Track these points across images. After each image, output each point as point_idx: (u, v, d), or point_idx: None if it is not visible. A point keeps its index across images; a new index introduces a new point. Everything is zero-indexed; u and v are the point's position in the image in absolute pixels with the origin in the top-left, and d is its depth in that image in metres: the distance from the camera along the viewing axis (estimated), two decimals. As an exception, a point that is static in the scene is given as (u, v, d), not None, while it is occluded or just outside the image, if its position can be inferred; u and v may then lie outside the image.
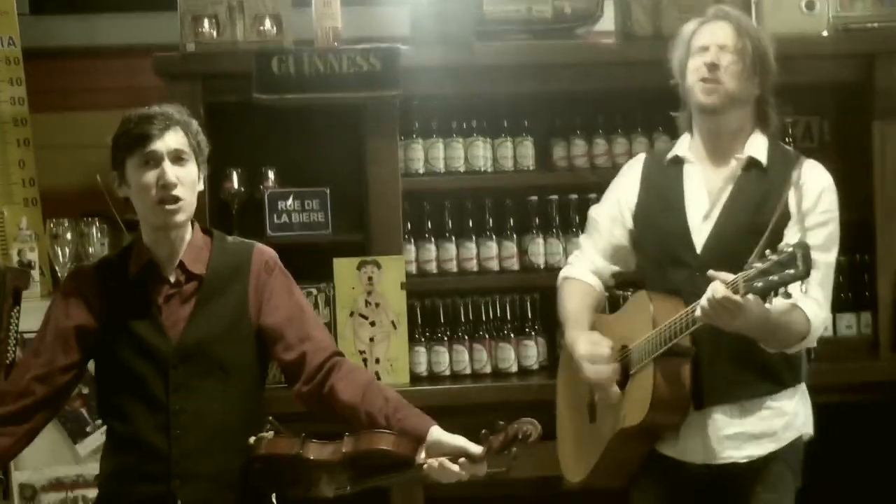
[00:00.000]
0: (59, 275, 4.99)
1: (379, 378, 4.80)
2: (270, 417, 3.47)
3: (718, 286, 3.32)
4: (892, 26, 5.12)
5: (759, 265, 3.24)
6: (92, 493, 4.65)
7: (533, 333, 5.06)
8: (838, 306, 5.12)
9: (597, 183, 4.85)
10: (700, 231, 3.74)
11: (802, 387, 3.80)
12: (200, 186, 3.49)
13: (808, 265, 3.18)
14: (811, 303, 3.57)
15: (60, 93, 5.39)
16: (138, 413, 3.39)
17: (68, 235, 4.97)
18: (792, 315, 3.54)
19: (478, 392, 4.85)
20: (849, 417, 5.05)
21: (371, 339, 4.86)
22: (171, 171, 3.35)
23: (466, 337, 5.04)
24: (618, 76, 5.02)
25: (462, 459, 3.24)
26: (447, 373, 5.01)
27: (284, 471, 3.39)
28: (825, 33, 5.13)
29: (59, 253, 4.97)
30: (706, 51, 3.73)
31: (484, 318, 5.07)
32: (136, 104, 5.14)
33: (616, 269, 4.01)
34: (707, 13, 3.87)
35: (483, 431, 3.26)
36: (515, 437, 3.22)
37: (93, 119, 5.31)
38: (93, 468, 4.66)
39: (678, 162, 3.86)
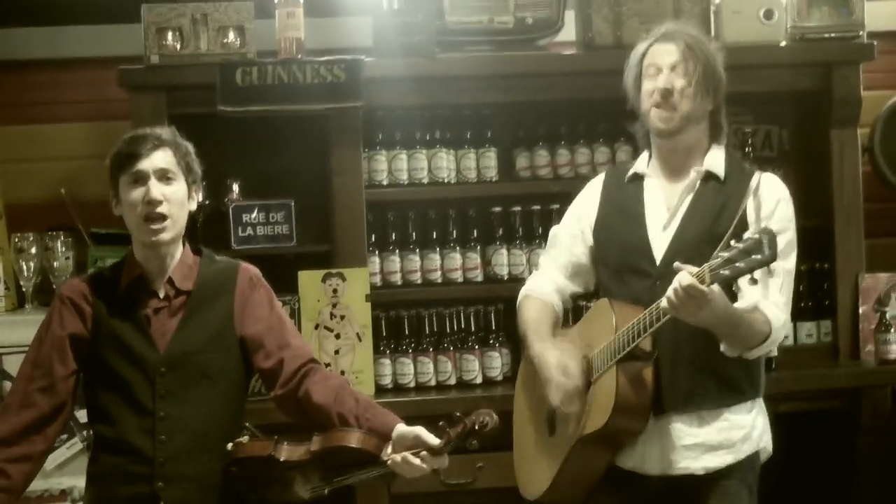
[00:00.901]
0: (23, 289, 4.99)
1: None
2: (248, 424, 3.62)
3: (685, 276, 3.35)
4: (849, 36, 5.18)
5: (724, 254, 3.28)
6: (58, 507, 4.71)
7: (497, 344, 5.07)
8: (798, 314, 5.19)
9: (560, 193, 4.90)
10: (659, 241, 3.77)
11: (760, 401, 3.82)
12: (192, 206, 3.67)
13: (773, 250, 3.22)
14: (771, 306, 3.61)
15: (25, 105, 5.37)
16: (125, 418, 3.55)
17: (33, 249, 4.97)
18: (754, 314, 3.58)
19: (443, 403, 4.82)
20: (809, 425, 5.10)
21: (336, 352, 4.88)
22: (156, 188, 3.52)
23: (431, 348, 5.05)
24: (580, 86, 5.05)
25: (423, 452, 3.35)
26: (412, 384, 5.02)
27: (260, 473, 3.52)
28: (783, 43, 5.18)
29: (24, 267, 4.98)
30: (658, 73, 3.76)
31: (448, 330, 5.09)
32: (101, 117, 5.27)
33: (576, 288, 4.03)
34: (656, 33, 3.89)
35: (441, 423, 3.39)
36: (473, 428, 3.34)
37: (58, 132, 5.34)
38: (58, 482, 4.69)
39: (638, 178, 3.90)
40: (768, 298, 3.61)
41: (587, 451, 3.78)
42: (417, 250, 5.09)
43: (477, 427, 3.34)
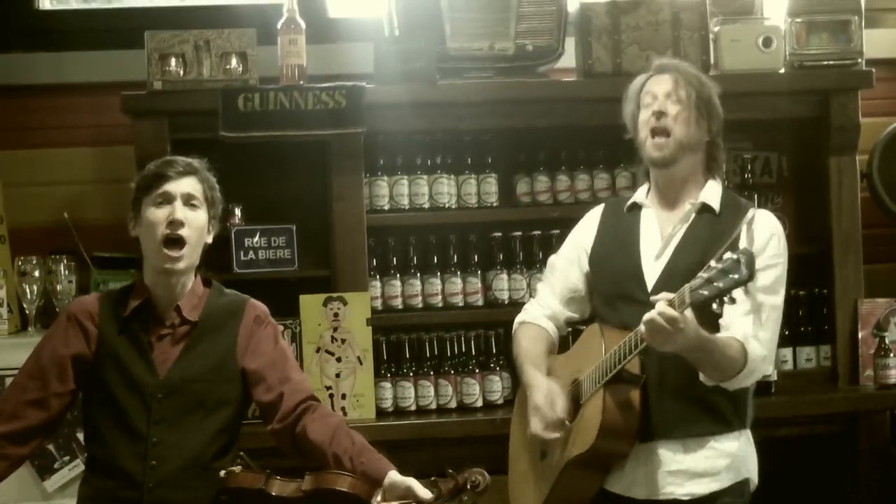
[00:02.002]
0: (27, 312, 5.01)
1: (345, 413, 4.84)
2: (241, 453, 3.63)
3: (662, 305, 3.39)
4: (847, 64, 5.21)
5: (703, 274, 3.31)
6: (59, 529, 4.72)
7: (497, 368, 5.08)
8: (798, 339, 5.22)
9: (560, 218, 4.93)
10: (652, 269, 3.80)
11: (748, 432, 3.84)
12: (209, 239, 3.74)
13: (751, 269, 3.25)
14: (751, 339, 3.63)
15: (28, 130, 5.38)
16: (118, 441, 3.57)
17: (36, 273, 4.98)
18: (729, 341, 3.60)
19: (443, 426, 4.87)
20: (808, 449, 5.12)
21: (337, 375, 4.88)
22: (181, 210, 3.59)
23: (432, 372, 5.05)
24: (580, 112, 5.08)
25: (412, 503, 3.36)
26: (413, 408, 5.02)
27: None
28: (782, 70, 5.21)
29: (28, 290, 4.98)
30: (654, 100, 3.82)
31: (449, 353, 5.10)
32: (103, 142, 5.30)
33: (571, 314, 4.06)
34: (652, 67, 3.97)
35: (433, 478, 3.41)
36: (465, 486, 3.38)
37: (61, 156, 5.36)
38: (61, 504, 4.71)
39: (636, 207, 3.94)
40: (749, 333, 3.64)
41: (576, 475, 3.80)
42: (418, 275, 5.11)
43: (469, 486, 3.39)
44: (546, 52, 5.23)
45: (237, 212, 5.07)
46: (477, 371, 5.07)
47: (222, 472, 3.55)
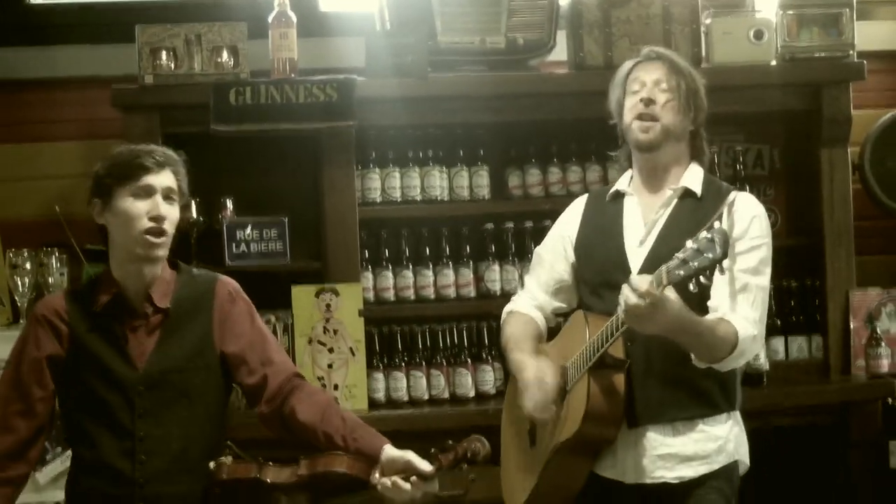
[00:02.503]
0: (18, 305, 5.00)
1: (338, 404, 4.84)
2: (229, 442, 3.56)
3: (639, 280, 3.37)
4: (838, 56, 5.22)
5: (679, 255, 3.30)
6: (52, 520, 4.69)
7: (490, 359, 5.09)
8: (790, 330, 5.24)
9: (551, 211, 4.90)
10: (636, 256, 3.80)
11: (737, 414, 3.83)
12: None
13: (724, 248, 3.22)
14: (740, 319, 3.62)
15: (19, 124, 5.38)
16: (104, 439, 3.48)
17: (28, 265, 4.97)
18: (718, 323, 3.59)
19: (435, 417, 4.87)
20: (800, 440, 5.12)
21: (329, 366, 4.89)
22: (163, 206, 3.49)
23: (424, 363, 5.07)
24: (571, 106, 5.09)
25: (413, 478, 3.34)
26: (405, 398, 5.04)
27: (244, 495, 3.46)
28: (773, 63, 5.22)
29: (19, 283, 4.98)
30: (642, 87, 3.82)
31: (441, 345, 5.11)
32: (94, 135, 5.29)
33: (558, 304, 4.06)
34: (641, 54, 3.96)
35: (433, 450, 3.39)
36: (464, 456, 3.37)
37: (51, 150, 5.36)
38: (52, 496, 4.69)
39: (619, 196, 3.94)
40: (737, 312, 3.62)
41: (563, 461, 3.79)
42: (410, 266, 5.12)
43: (469, 455, 3.38)
44: (537, 46, 5.24)
45: (229, 204, 5.09)
46: (469, 362, 5.08)
47: (212, 464, 3.48)
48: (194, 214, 5.03)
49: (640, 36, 5.14)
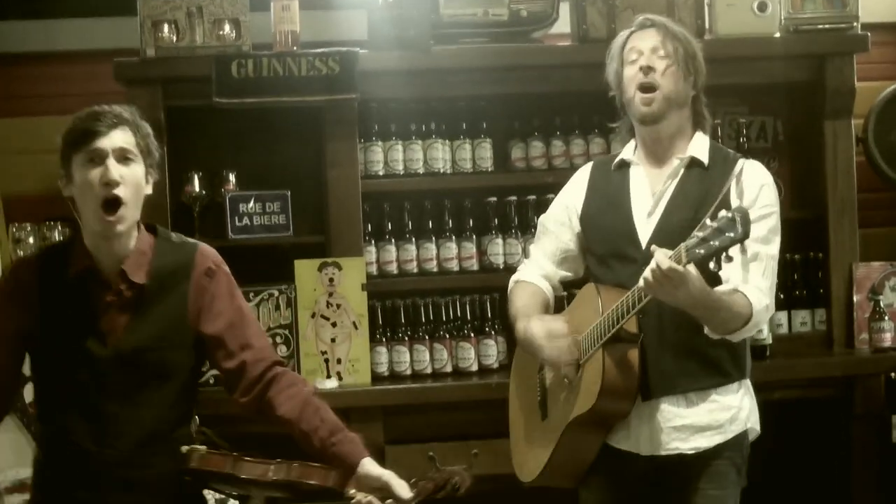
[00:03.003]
0: (21, 279, 5.00)
1: (341, 378, 4.85)
2: (204, 428, 3.57)
3: (661, 256, 3.37)
4: (842, 28, 5.20)
5: (699, 234, 3.29)
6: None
7: (493, 333, 5.09)
8: (793, 303, 5.23)
9: (555, 183, 4.89)
10: (644, 227, 3.78)
11: (747, 382, 3.83)
12: (148, 190, 3.40)
13: (746, 228, 3.23)
14: (753, 289, 3.62)
15: (21, 98, 5.39)
16: (73, 418, 3.33)
17: (31, 240, 4.99)
18: (734, 296, 3.58)
19: (439, 391, 4.88)
20: (803, 413, 5.13)
21: (332, 340, 4.89)
22: (114, 168, 3.27)
23: (427, 336, 5.07)
24: (574, 78, 5.07)
25: (389, 501, 3.26)
26: (408, 372, 5.04)
27: (216, 482, 3.43)
28: (777, 35, 5.20)
29: (22, 257, 5.00)
30: (640, 56, 3.80)
31: (444, 318, 5.11)
32: None
33: (565, 273, 4.04)
34: (634, 23, 3.92)
35: (413, 480, 3.31)
36: (444, 487, 3.33)
37: (54, 124, 5.17)
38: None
39: (624, 165, 3.92)
40: (749, 282, 3.62)
41: (578, 434, 3.79)
42: (413, 240, 5.12)
43: (449, 487, 3.35)
44: (540, 18, 5.23)
45: (231, 178, 5.10)
46: (472, 335, 5.08)
47: (184, 448, 3.34)
48: (197, 188, 5.02)
49: (644, 7, 5.10)
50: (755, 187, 3.72)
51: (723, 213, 3.27)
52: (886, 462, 5.02)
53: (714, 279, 3.59)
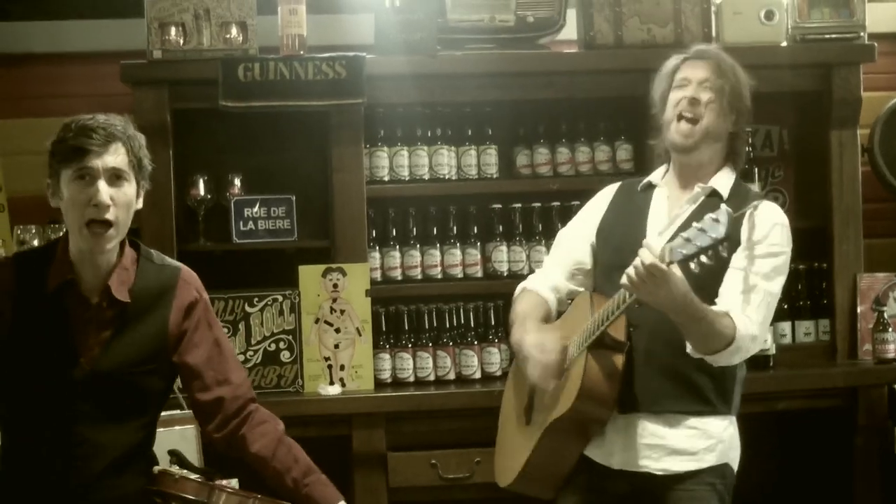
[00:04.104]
0: (26, 281, 5.01)
1: (343, 384, 4.85)
2: (177, 450, 3.49)
3: (646, 253, 3.38)
4: (850, 37, 5.20)
5: (683, 235, 3.31)
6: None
7: (496, 340, 5.08)
8: (797, 313, 5.23)
9: (560, 191, 4.94)
10: (653, 244, 3.79)
11: (732, 419, 3.81)
12: (139, 205, 3.29)
13: (728, 227, 3.23)
14: (744, 317, 3.61)
15: (27, 99, 5.39)
16: (38, 439, 3.22)
17: (35, 241, 4.97)
18: (720, 315, 3.57)
19: (441, 398, 4.87)
20: (806, 423, 5.12)
21: (336, 346, 4.89)
22: (105, 192, 3.14)
23: (430, 343, 5.07)
24: (580, 85, 5.08)
25: None
26: (411, 379, 5.03)
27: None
28: (784, 43, 5.20)
29: (27, 259, 4.99)
30: (688, 84, 3.80)
31: (448, 325, 5.11)
32: (103, 110, 5.20)
33: (574, 287, 4.04)
34: (690, 50, 3.93)
35: None
36: None
37: (60, 126, 5.32)
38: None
39: (650, 187, 3.93)
40: (741, 310, 3.61)
41: (556, 439, 3.78)
42: (418, 246, 5.11)
43: None
44: (547, 24, 5.22)
45: (237, 182, 5.09)
46: (475, 343, 5.08)
47: (156, 469, 3.30)
48: (202, 191, 5.02)
49: (651, 15, 5.13)
50: (768, 224, 3.71)
51: (709, 215, 3.28)
52: (889, 473, 5.00)
53: (709, 300, 3.59)
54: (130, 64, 4.89)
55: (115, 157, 3.17)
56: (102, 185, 3.14)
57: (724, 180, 3.83)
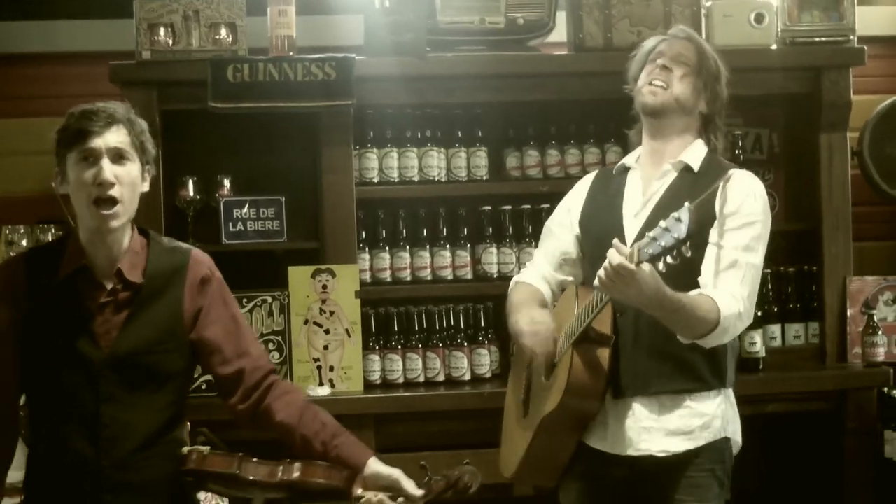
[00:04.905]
0: (13, 281, 4.99)
1: (333, 385, 4.84)
2: (205, 429, 3.49)
3: (613, 254, 3.37)
4: (839, 41, 5.20)
5: (650, 234, 3.30)
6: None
7: (486, 342, 5.08)
8: (786, 316, 5.23)
9: (549, 193, 4.92)
10: (631, 227, 3.78)
11: (728, 391, 3.80)
12: (145, 188, 3.36)
13: (689, 228, 3.20)
14: (725, 294, 3.59)
15: (17, 99, 5.38)
16: (67, 423, 3.28)
17: (24, 242, 4.97)
18: (698, 298, 3.56)
19: (431, 400, 4.87)
20: (795, 426, 5.12)
21: (325, 347, 4.88)
22: (108, 169, 3.23)
23: (420, 345, 5.06)
24: (570, 87, 5.08)
25: (401, 499, 3.27)
26: (401, 381, 5.02)
27: (218, 483, 3.38)
28: (774, 46, 5.20)
29: (15, 259, 4.98)
30: (661, 57, 3.81)
31: (437, 327, 5.10)
32: None
33: (564, 278, 4.04)
34: (670, 32, 3.95)
35: (426, 478, 3.33)
36: (455, 485, 3.35)
37: (49, 125, 5.16)
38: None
39: (625, 170, 3.93)
40: (724, 289, 3.59)
41: (550, 432, 3.79)
42: (407, 248, 5.11)
43: (460, 486, 3.36)
44: (537, 26, 5.22)
45: (226, 183, 5.09)
46: (465, 344, 5.07)
47: (185, 449, 3.34)
48: (191, 192, 5.02)
49: (641, 17, 5.13)
50: (741, 195, 3.70)
51: (672, 214, 3.27)
52: (878, 476, 5.00)
53: (692, 282, 3.59)
54: (119, 64, 4.88)
55: (118, 136, 3.27)
56: (106, 163, 3.23)
57: (695, 154, 3.82)
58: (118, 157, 3.26)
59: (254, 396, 3.42)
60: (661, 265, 3.31)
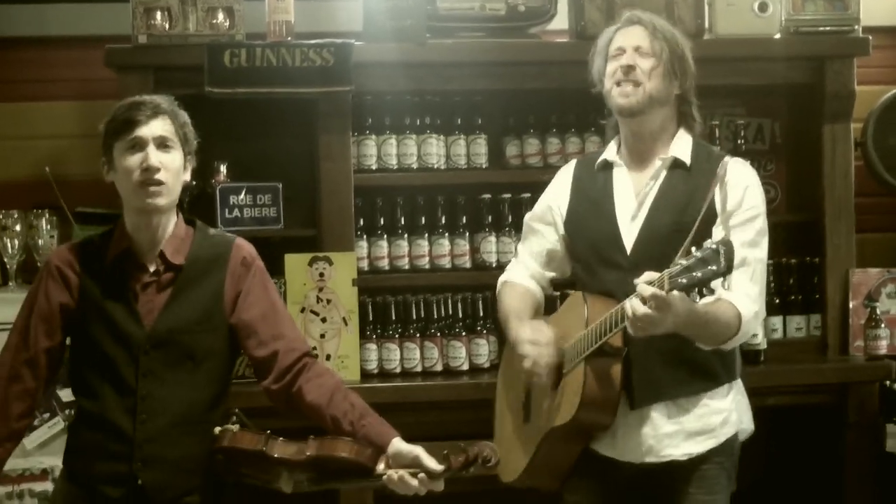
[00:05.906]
0: (7, 267, 4.98)
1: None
2: (237, 410, 3.59)
3: (644, 287, 3.31)
4: (843, 30, 5.17)
5: (682, 262, 3.24)
6: (40, 486, 4.67)
7: (484, 332, 5.04)
8: (788, 308, 5.20)
9: (549, 182, 4.86)
10: (629, 232, 3.75)
11: (738, 382, 3.80)
12: (187, 177, 3.61)
13: (729, 262, 3.18)
14: (741, 296, 3.58)
15: (10, 83, 5.34)
16: (107, 394, 3.49)
17: (18, 227, 4.97)
18: (720, 306, 3.54)
19: (428, 390, 4.84)
20: (797, 419, 5.09)
21: (322, 336, 4.84)
22: (154, 155, 3.46)
23: (418, 334, 5.02)
24: (571, 75, 4.99)
25: (421, 475, 3.34)
26: (398, 370, 4.99)
27: (246, 464, 3.48)
28: (777, 36, 5.16)
29: (9, 244, 4.99)
30: (622, 54, 3.74)
31: (435, 316, 5.06)
32: (87, 96, 5.24)
33: (552, 274, 4.03)
34: (621, 19, 3.88)
35: (444, 452, 3.37)
36: (476, 460, 3.37)
37: (43, 110, 5.31)
38: (40, 462, 4.67)
39: (608, 167, 3.87)
40: (737, 290, 3.57)
41: (557, 442, 3.79)
42: (406, 236, 5.07)
43: (480, 460, 3.39)
44: (538, 13, 5.18)
45: (222, 169, 5.04)
46: (463, 334, 5.03)
47: (217, 430, 3.51)
48: (187, 178, 4.96)
49: (643, 5, 5.04)
50: (740, 189, 3.67)
51: (708, 243, 3.22)
52: (879, 469, 4.98)
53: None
54: (115, 48, 4.84)
55: (163, 125, 3.51)
56: (152, 149, 3.47)
57: (682, 146, 3.78)
58: (163, 145, 3.50)
59: (287, 378, 3.57)
60: (695, 295, 3.29)
